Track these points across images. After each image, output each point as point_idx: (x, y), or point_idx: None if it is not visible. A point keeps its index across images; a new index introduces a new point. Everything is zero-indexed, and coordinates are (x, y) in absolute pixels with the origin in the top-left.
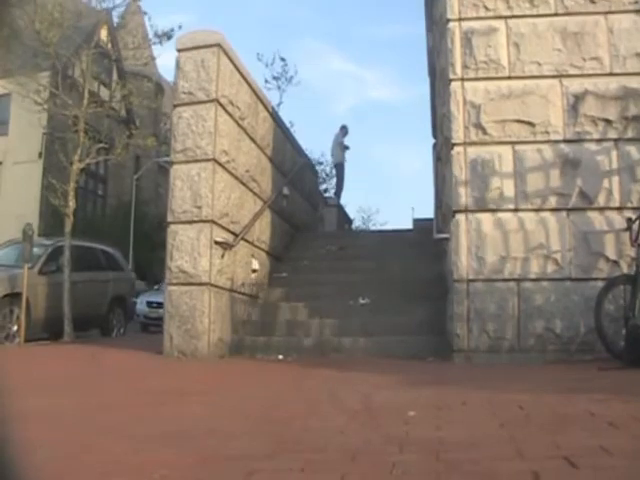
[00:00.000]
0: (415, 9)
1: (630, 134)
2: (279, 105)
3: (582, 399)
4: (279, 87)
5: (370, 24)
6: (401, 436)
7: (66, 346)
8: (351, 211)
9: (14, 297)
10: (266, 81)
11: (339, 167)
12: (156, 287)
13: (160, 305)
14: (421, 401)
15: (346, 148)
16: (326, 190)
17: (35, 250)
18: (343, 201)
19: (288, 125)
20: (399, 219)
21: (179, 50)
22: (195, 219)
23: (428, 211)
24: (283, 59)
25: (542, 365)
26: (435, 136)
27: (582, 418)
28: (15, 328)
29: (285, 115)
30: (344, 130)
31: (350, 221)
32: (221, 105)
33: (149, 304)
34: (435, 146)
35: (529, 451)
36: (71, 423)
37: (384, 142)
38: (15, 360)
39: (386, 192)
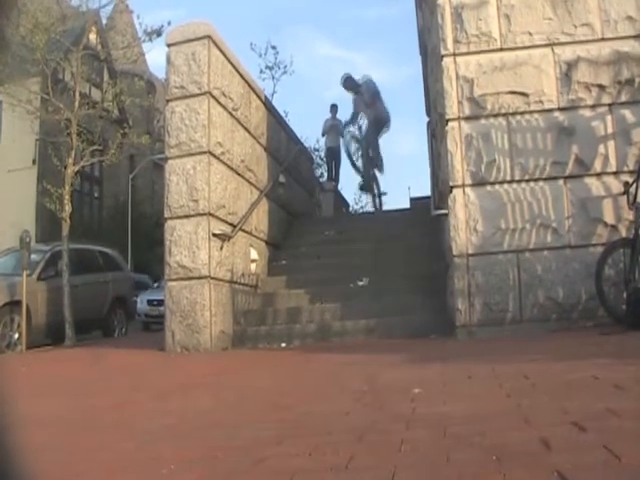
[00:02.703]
0: None
1: (624, 98)
2: (273, 95)
3: (586, 365)
4: (273, 77)
5: (356, 6)
6: (408, 414)
7: (68, 350)
8: (347, 194)
9: (14, 305)
10: (261, 71)
11: (334, 151)
12: (156, 285)
13: (160, 303)
14: (426, 378)
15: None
16: (321, 175)
17: (33, 256)
18: (339, 185)
19: (282, 114)
20: (397, 199)
21: (169, 45)
22: (192, 213)
23: (425, 190)
24: (274, 47)
25: (545, 334)
26: (429, 114)
27: (587, 383)
28: (16, 336)
29: (279, 104)
30: (334, 109)
31: (347, 205)
32: (214, 97)
33: (149, 302)
34: (429, 124)
35: (537, 419)
36: (78, 424)
37: None
38: (18, 367)
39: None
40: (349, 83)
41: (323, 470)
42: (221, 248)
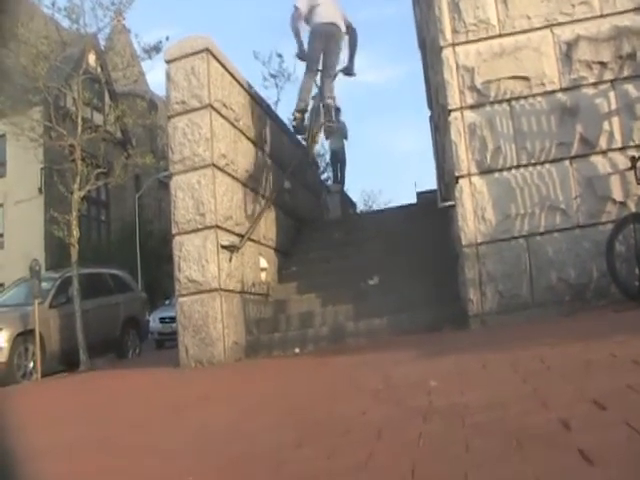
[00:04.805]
0: None
1: (626, 73)
2: (277, 103)
3: (602, 343)
4: (277, 85)
5: (352, 7)
6: (425, 407)
7: (84, 375)
8: (354, 195)
9: (28, 334)
10: (264, 79)
11: (338, 153)
12: (167, 302)
13: (173, 319)
14: (441, 371)
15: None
16: (327, 179)
17: (44, 285)
18: (345, 186)
19: (287, 122)
20: (403, 196)
21: (168, 61)
22: (199, 227)
23: (431, 183)
24: (280, 55)
25: (559, 317)
26: (431, 107)
27: (605, 361)
28: (31, 365)
29: (284, 112)
30: (337, 112)
31: (354, 205)
32: (215, 109)
33: (162, 320)
34: (432, 118)
35: (555, 401)
36: (98, 448)
37: (380, 123)
38: (36, 395)
39: (387, 172)
40: None
41: (343, 471)
42: (230, 259)
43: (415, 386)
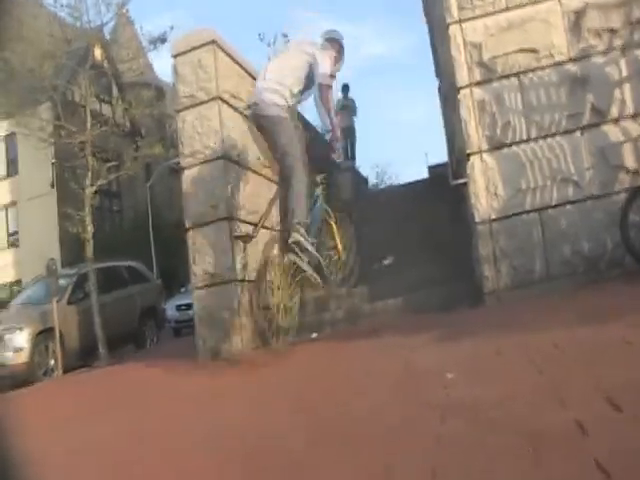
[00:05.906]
0: None
1: (637, 38)
2: None
3: (616, 326)
4: None
5: None
6: (442, 402)
7: (103, 370)
8: (364, 169)
9: (48, 332)
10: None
11: (348, 130)
12: (183, 290)
13: (189, 306)
14: (457, 359)
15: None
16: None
17: (61, 282)
18: (356, 163)
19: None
20: (415, 168)
21: (175, 56)
22: (212, 219)
23: (443, 154)
24: (285, 35)
25: (573, 291)
26: (438, 76)
27: (619, 349)
28: (52, 362)
29: None
30: (346, 89)
31: (365, 180)
32: (224, 101)
33: (178, 307)
34: (440, 89)
35: (570, 397)
36: (115, 441)
37: (390, 95)
38: (59, 392)
39: (398, 143)
40: None
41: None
42: (244, 249)
43: (432, 376)
